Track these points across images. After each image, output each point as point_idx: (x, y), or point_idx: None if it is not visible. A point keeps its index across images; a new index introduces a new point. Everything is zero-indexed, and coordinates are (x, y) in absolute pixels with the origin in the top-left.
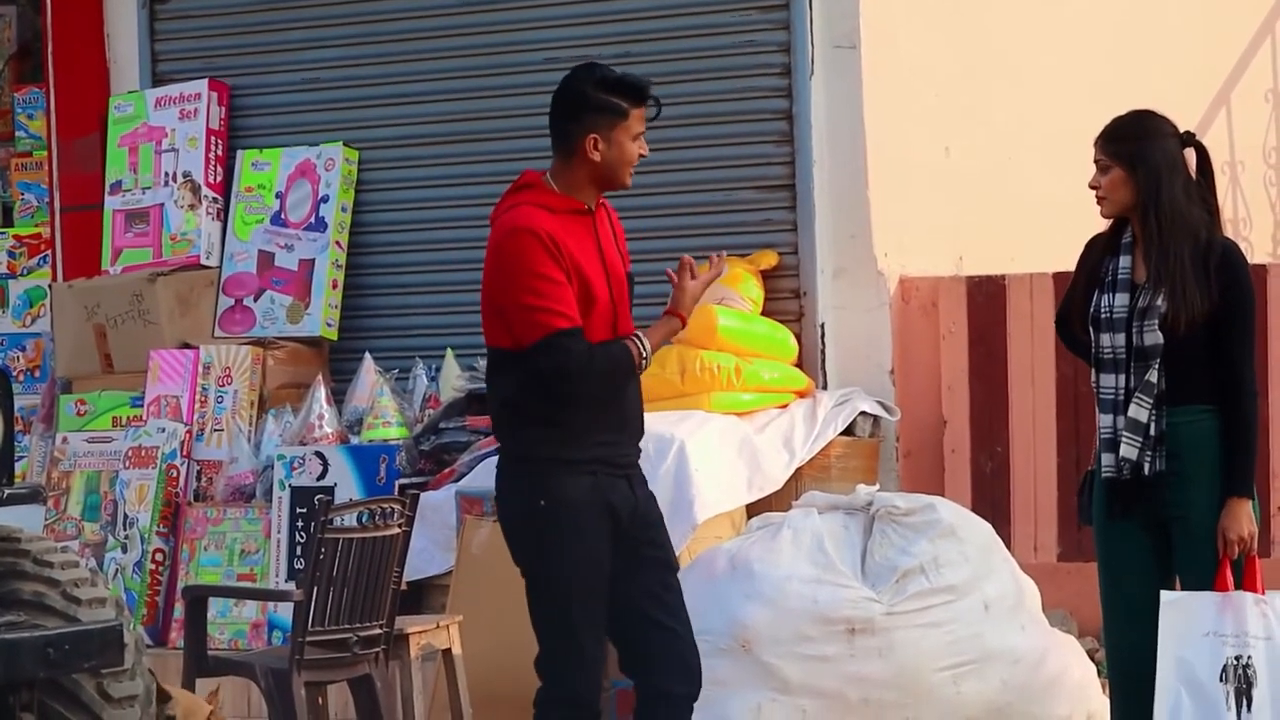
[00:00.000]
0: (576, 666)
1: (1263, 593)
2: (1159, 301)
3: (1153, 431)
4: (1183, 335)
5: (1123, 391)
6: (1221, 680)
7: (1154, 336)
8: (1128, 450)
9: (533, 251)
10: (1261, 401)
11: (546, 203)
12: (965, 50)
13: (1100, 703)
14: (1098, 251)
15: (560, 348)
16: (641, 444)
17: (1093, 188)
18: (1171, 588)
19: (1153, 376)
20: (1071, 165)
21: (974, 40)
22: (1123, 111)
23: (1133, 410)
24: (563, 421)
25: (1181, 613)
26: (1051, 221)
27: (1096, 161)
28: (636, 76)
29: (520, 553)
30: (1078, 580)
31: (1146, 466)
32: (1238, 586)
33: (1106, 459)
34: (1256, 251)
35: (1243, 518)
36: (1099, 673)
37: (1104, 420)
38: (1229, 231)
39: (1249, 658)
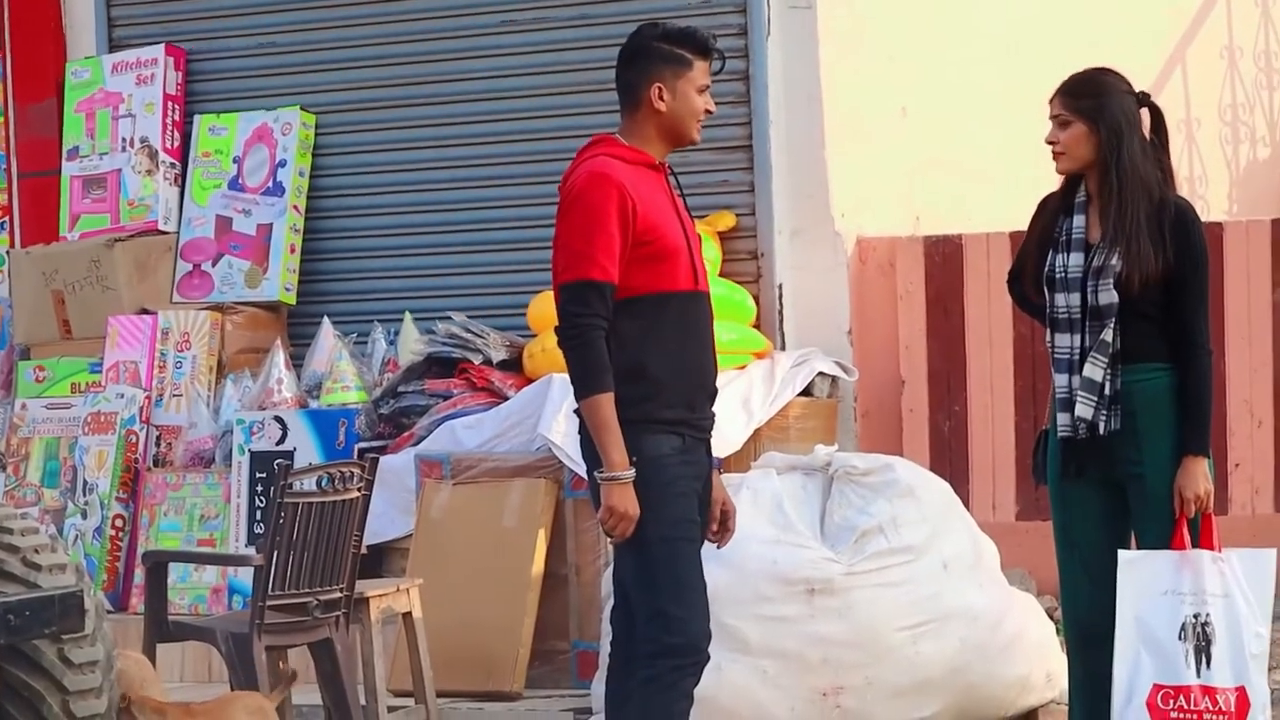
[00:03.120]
0: (691, 613)
1: (1219, 550)
2: (1114, 261)
3: (1108, 390)
4: (1137, 294)
5: (1078, 351)
6: (1180, 638)
7: (1109, 295)
8: (1083, 409)
9: (604, 199)
10: (1216, 360)
11: (620, 155)
12: (921, 10)
13: (1059, 661)
14: (1049, 212)
15: (582, 298)
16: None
17: (1050, 143)
18: (1127, 546)
19: (1108, 335)
20: (1027, 125)
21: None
22: (1079, 70)
23: (1088, 369)
24: (649, 380)
25: (1140, 571)
26: (1008, 181)
27: (1055, 117)
28: (700, 30)
29: None
30: (1036, 539)
31: (1102, 425)
32: (1195, 545)
33: (1062, 418)
34: (1213, 209)
35: (1199, 476)
36: (1057, 631)
37: (1059, 380)
38: (1185, 190)
39: (1207, 615)
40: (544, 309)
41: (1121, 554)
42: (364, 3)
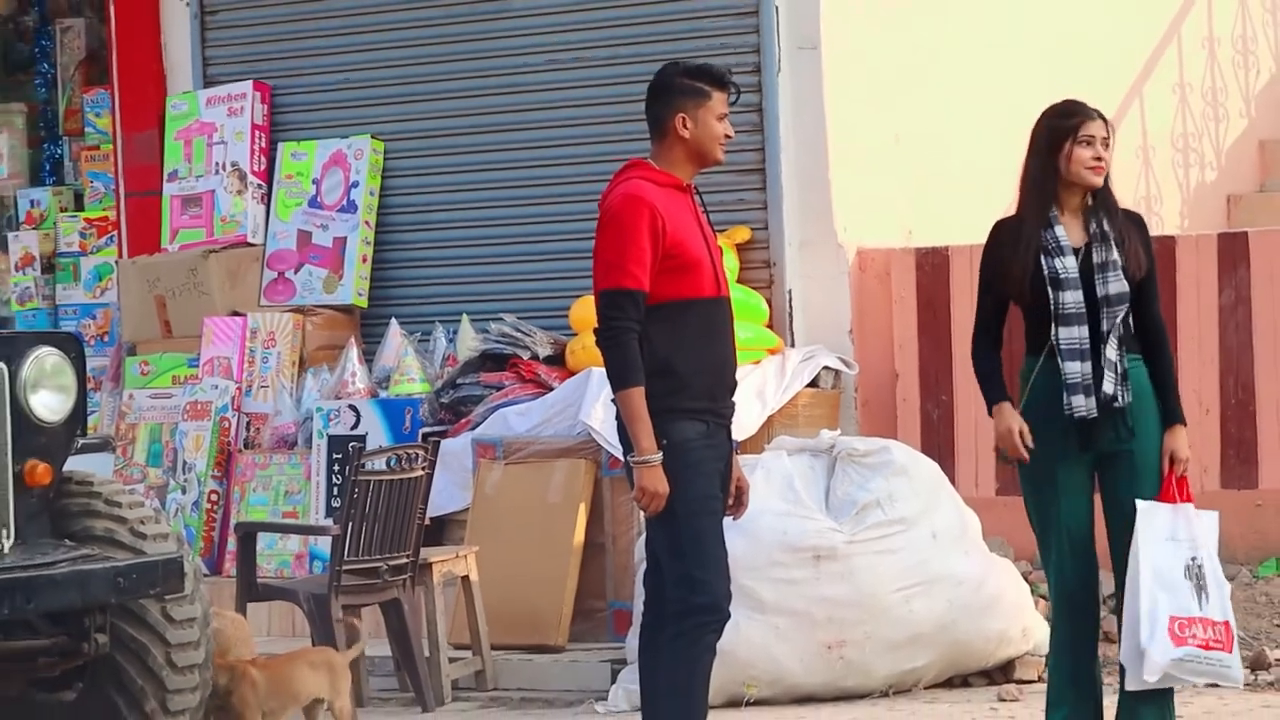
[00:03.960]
0: (714, 575)
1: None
2: (1115, 256)
3: (1119, 370)
4: (1133, 287)
5: (1087, 340)
6: (1185, 578)
7: (1120, 285)
8: (1109, 386)
9: (636, 217)
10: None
11: (651, 178)
12: (912, 51)
13: (1033, 618)
14: (1026, 227)
15: (617, 304)
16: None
17: (1098, 159)
18: (1093, 520)
19: (1119, 320)
20: (1002, 149)
21: (920, 42)
22: (1052, 102)
23: (1109, 352)
24: (677, 375)
25: (1152, 520)
26: (987, 198)
27: (1104, 139)
28: (717, 65)
29: None
30: (1014, 511)
31: (1120, 399)
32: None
33: (1077, 401)
34: (1166, 225)
35: (1185, 441)
36: (1032, 592)
37: (1071, 367)
38: (1142, 207)
39: (1202, 558)
40: (583, 312)
41: (1140, 504)
42: (427, 44)
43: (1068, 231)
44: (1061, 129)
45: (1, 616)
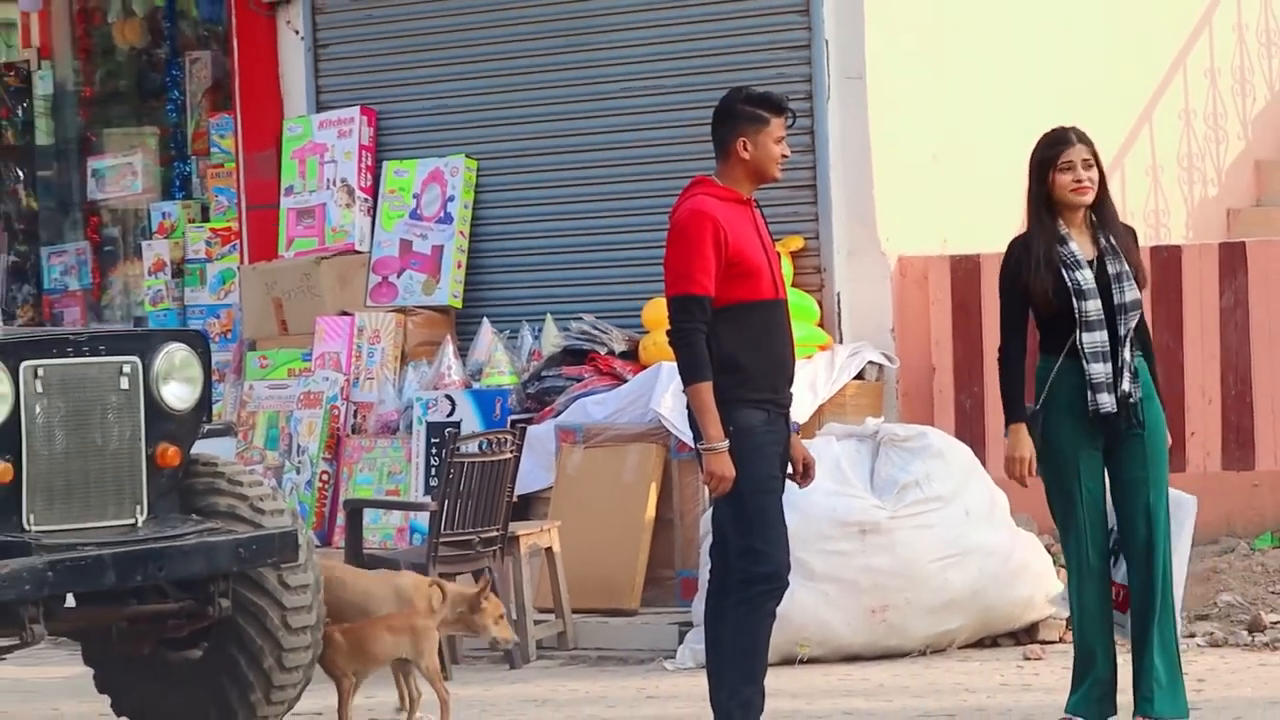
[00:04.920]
0: (776, 547)
1: None
2: (1126, 267)
3: (1133, 369)
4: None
5: (1107, 344)
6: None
7: (1134, 293)
8: (1126, 384)
9: (701, 230)
10: (1175, 352)
11: (715, 194)
12: (947, 80)
13: (1055, 585)
14: (1041, 243)
15: (686, 308)
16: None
17: (1079, 182)
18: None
19: (1134, 324)
20: (1023, 166)
21: (953, 72)
22: (1067, 125)
23: (1125, 354)
24: (742, 369)
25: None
26: (1016, 211)
27: (1084, 161)
28: (775, 93)
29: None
30: (1036, 490)
31: (1133, 395)
32: None
33: (1103, 399)
34: (1173, 235)
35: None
36: (1054, 563)
37: (1095, 368)
38: (1150, 221)
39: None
40: (654, 312)
41: (1172, 492)
42: (516, 73)
43: (1079, 246)
44: (1047, 159)
45: (135, 583)
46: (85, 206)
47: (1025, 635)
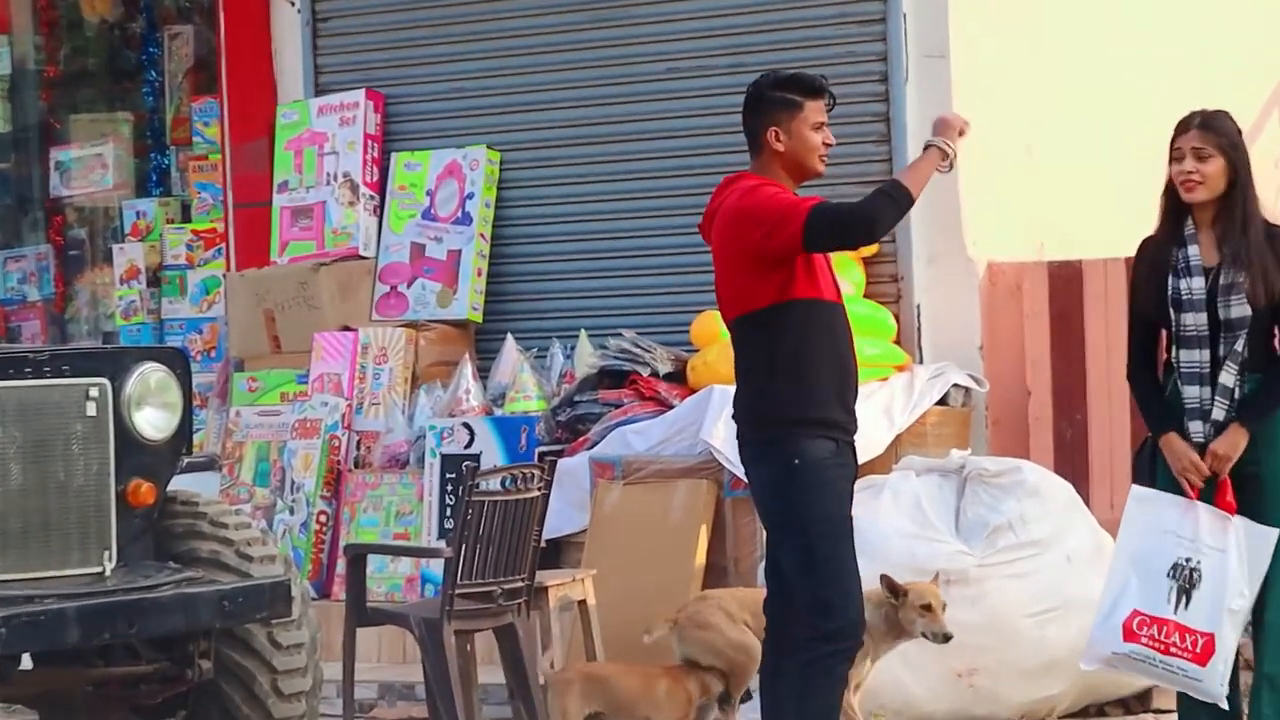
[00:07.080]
0: (847, 601)
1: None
2: (1242, 279)
3: (1236, 395)
4: (1260, 309)
5: (1207, 364)
6: (1170, 576)
7: (1242, 309)
8: (1219, 413)
9: (770, 187)
10: None
11: None
12: (1043, 59)
13: None
14: (1156, 245)
15: (828, 207)
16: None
17: (1189, 173)
18: None
19: (1239, 345)
20: (1137, 160)
21: (1050, 50)
22: (1189, 111)
23: (1224, 378)
24: (805, 376)
25: (1148, 508)
26: (1121, 211)
27: (1195, 150)
28: (808, 73)
29: (779, 510)
30: None
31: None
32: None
33: (1195, 426)
34: None
35: (1231, 441)
36: None
37: (1189, 391)
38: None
39: (1198, 562)
40: (705, 327)
41: (1135, 489)
42: (543, 52)
43: (1202, 250)
44: (1170, 146)
45: (103, 641)
46: (47, 204)
47: (1137, 703)
